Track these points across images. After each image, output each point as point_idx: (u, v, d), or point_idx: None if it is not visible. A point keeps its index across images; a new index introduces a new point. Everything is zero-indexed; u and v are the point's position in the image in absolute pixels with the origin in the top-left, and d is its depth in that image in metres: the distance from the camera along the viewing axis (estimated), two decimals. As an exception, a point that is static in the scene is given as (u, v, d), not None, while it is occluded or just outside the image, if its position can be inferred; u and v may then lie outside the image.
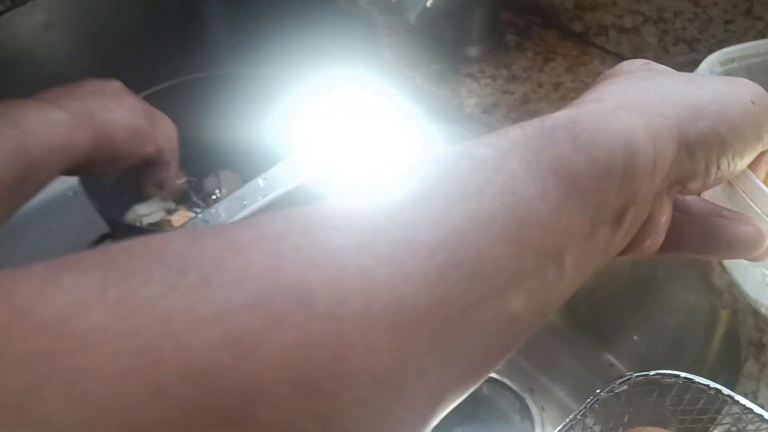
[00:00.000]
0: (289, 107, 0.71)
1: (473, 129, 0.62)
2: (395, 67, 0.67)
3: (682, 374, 0.38)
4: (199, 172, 0.84)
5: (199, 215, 0.58)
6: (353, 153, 0.63)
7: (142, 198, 0.83)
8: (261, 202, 0.59)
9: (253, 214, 0.58)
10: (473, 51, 0.66)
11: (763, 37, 0.56)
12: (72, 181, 0.93)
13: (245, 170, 0.83)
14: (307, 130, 0.65)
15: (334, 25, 0.78)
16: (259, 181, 0.60)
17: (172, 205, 0.83)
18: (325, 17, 0.79)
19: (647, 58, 0.33)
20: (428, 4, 0.57)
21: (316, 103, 0.67)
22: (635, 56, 0.63)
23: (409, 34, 0.69)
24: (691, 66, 0.56)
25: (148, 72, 0.94)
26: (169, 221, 0.79)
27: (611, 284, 0.58)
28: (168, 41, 0.95)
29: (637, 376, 0.39)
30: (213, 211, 0.58)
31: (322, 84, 0.67)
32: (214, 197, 0.80)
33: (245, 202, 0.58)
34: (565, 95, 0.62)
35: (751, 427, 0.37)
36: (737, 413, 0.37)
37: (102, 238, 0.74)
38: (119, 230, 0.75)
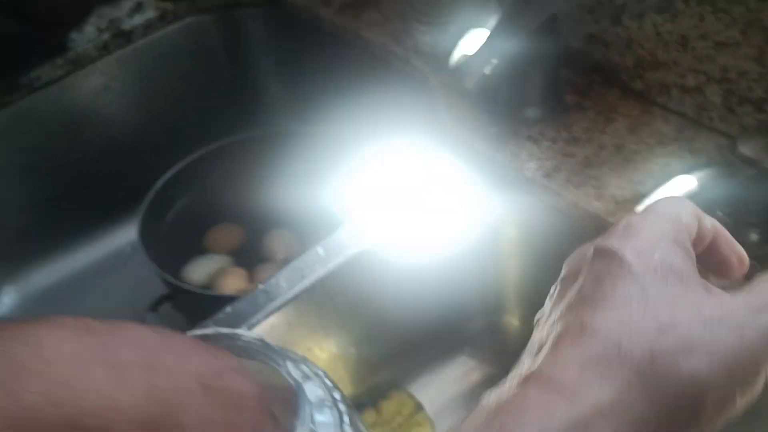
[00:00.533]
0: (347, 170, 0.71)
1: (535, 193, 0.61)
2: (453, 129, 0.67)
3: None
4: (255, 231, 0.85)
5: (261, 286, 0.58)
6: (413, 218, 0.63)
7: (199, 253, 0.84)
8: (320, 272, 0.58)
9: (313, 285, 0.58)
10: (532, 112, 0.65)
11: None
12: (131, 236, 0.95)
13: (302, 231, 0.83)
14: (366, 195, 0.65)
15: (389, 85, 0.78)
16: (319, 249, 0.60)
17: (227, 262, 0.83)
18: (380, 77, 0.79)
19: (711, 118, 0.31)
20: (487, 71, 0.57)
21: (375, 167, 0.67)
22: (699, 116, 0.62)
23: (465, 95, 0.69)
24: (761, 129, 0.54)
25: (204, 130, 0.95)
26: (224, 281, 0.79)
27: None
28: (223, 100, 0.96)
29: None
30: (273, 281, 0.58)
31: (380, 147, 0.67)
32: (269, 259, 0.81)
33: (304, 273, 0.58)
34: (628, 158, 0.61)
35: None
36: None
37: (162, 300, 0.75)
38: (176, 291, 0.75)
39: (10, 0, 0.73)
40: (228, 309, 0.56)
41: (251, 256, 0.84)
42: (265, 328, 0.56)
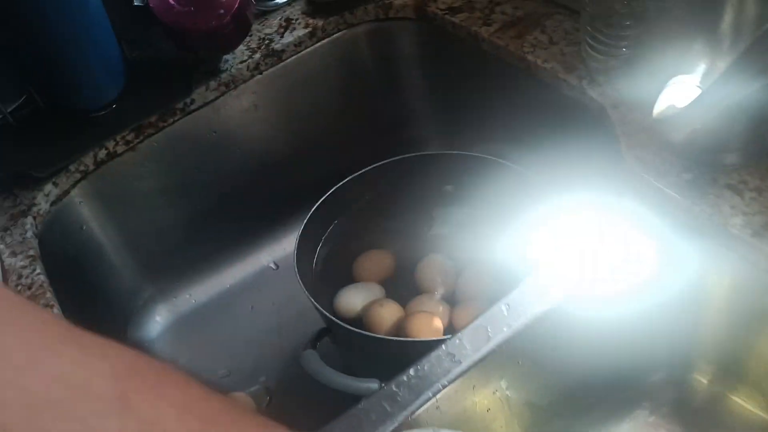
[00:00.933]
0: (518, 212, 0.67)
1: (743, 254, 0.56)
2: (638, 174, 0.62)
3: None
4: (407, 259, 0.83)
5: (443, 347, 0.55)
6: (599, 272, 0.58)
7: (348, 281, 0.82)
8: (506, 333, 0.55)
9: (499, 346, 0.55)
10: (732, 157, 0.60)
11: None
12: (275, 255, 0.95)
13: (457, 257, 0.80)
14: (548, 245, 0.61)
15: (559, 114, 0.74)
16: (502, 307, 0.56)
17: (379, 292, 0.81)
18: (548, 104, 0.75)
19: None
20: (699, 125, 0.52)
21: (555, 215, 0.63)
22: None
23: (649, 133, 0.64)
24: None
25: (352, 147, 0.94)
26: (379, 314, 0.77)
27: None
28: (372, 116, 0.94)
29: None
30: (457, 342, 0.55)
31: (562, 195, 0.63)
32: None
33: (490, 333, 0.55)
34: None
35: None
36: None
37: (321, 335, 0.73)
38: (332, 326, 0.73)
39: (172, 29, 0.72)
40: (411, 372, 0.54)
41: (404, 285, 0.82)
42: (449, 393, 0.54)
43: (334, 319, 0.71)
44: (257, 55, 0.84)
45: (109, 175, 0.80)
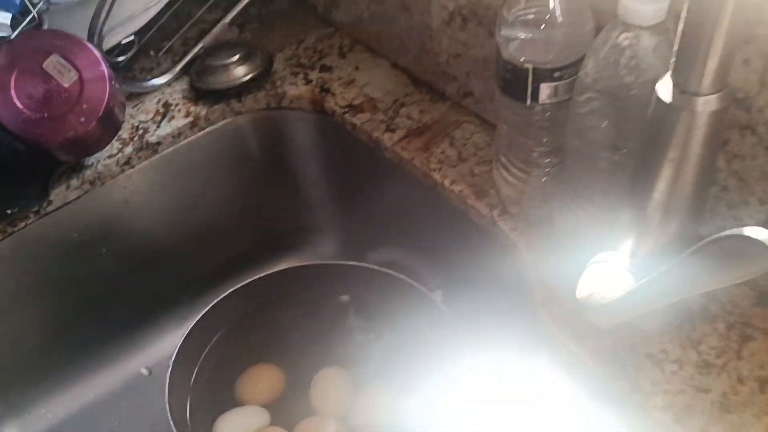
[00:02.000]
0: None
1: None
2: (554, 333, 0.56)
3: None
4: (298, 375, 0.74)
5: None
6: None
7: (231, 404, 0.73)
8: None
9: None
10: (652, 323, 0.55)
11: None
12: (147, 360, 0.85)
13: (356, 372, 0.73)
14: (453, 411, 0.55)
15: (466, 239, 0.68)
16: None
17: (264, 419, 0.73)
18: (453, 225, 0.68)
19: None
20: (627, 318, 0.46)
21: (462, 379, 0.56)
22: None
23: (566, 286, 0.58)
24: None
25: (230, 242, 0.85)
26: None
27: None
28: (256, 209, 0.85)
29: None
30: None
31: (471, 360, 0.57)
32: None
33: None
34: (776, 401, 0.51)
35: None
36: None
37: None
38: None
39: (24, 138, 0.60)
40: None
41: (295, 405, 0.73)
42: None
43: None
44: (128, 149, 0.73)
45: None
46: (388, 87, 0.77)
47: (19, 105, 0.58)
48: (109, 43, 0.73)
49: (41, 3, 0.62)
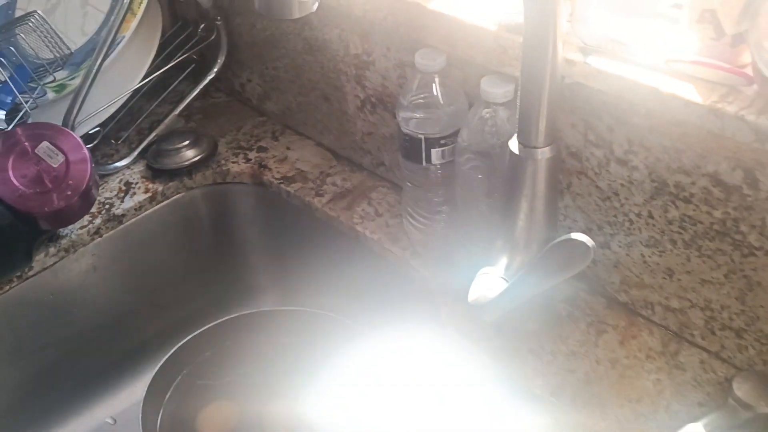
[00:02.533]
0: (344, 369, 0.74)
1: (542, 412, 0.66)
2: (457, 339, 0.72)
3: None
4: (254, 412, 0.86)
5: None
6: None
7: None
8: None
9: None
10: (532, 325, 0.71)
11: (804, 335, 0.63)
12: (113, 410, 0.94)
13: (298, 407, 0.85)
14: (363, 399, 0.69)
15: (386, 279, 0.83)
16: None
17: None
18: (376, 269, 0.84)
19: (693, 335, 0.36)
20: (505, 311, 0.62)
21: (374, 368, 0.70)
22: (681, 331, 0.69)
23: (465, 305, 0.74)
24: (754, 372, 0.62)
25: (190, 303, 0.97)
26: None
27: None
28: (210, 273, 0.98)
29: None
30: None
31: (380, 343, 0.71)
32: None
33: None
34: (623, 374, 0.67)
35: None
36: None
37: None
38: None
39: (16, 209, 0.73)
40: None
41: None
42: None
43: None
44: (98, 220, 0.86)
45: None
46: (314, 161, 0.93)
47: (15, 183, 0.71)
48: (78, 133, 0.88)
49: (30, 101, 0.76)
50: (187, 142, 0.91)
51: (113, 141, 0.95)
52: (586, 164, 0.68)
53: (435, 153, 0.71)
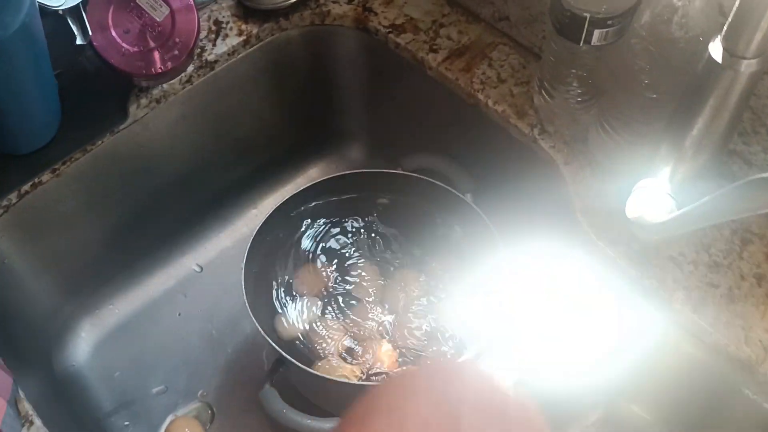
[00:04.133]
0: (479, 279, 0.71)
1: (683, 325, 0.63)
2: (591, 239, 0.67)
3: None
4: (343, 269, 0.84)
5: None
6: (557, 341, 0.64)
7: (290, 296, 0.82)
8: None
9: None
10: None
11: None
12: (198, 259, 0.92)
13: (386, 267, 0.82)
14: (504, 314, 0.66)
15: (506, 156, 0.77)
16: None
17: (319, 308, 0.83)
18: (495, 144, 0.77)
19: None
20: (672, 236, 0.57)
21: (511, 280, 0.67)
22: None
23: (600, 197, 0.69)
24: None
25: (280, 152, 0.92)
26: (320, 336, 0.79)
27: None
28: (304, 120, 0.91)
29: None
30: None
31: (515, 257, 0.67)
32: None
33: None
34: (770, 293, 0.63)
35: None
36: None
37: (276, 365, 0.74)
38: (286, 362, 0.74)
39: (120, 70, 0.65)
40: None
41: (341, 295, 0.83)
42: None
43: (288, 357, 0.72)
44: (190, 68, 0.78)
45: (32, 205, 0.73)
46: (425, 7, 0.82)
47: (118, 40, 0.63)
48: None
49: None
50: (285, -22, 0.80)
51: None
52: (777, 65, 0.58)
53: (597, 34, 0.62)
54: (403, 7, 0.83)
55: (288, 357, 0.72)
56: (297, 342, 0.79)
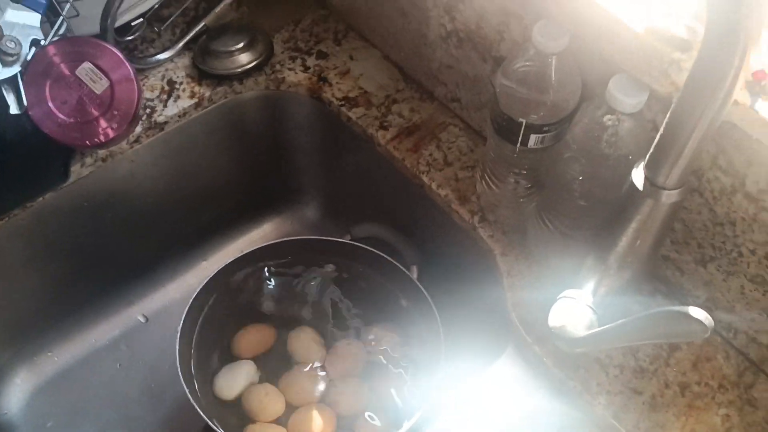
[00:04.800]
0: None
1: (603, 430, 0.64)
2: (521, 334, 0.67)
3: None
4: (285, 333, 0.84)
5: None
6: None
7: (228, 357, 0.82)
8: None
9: None
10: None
11: None
12: (143, 309, 0.92)
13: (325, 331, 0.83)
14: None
15: (447, 236, 0.77)
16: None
17: (254, 372, 0.82)
18: (437, 223, 0.77)
19: None
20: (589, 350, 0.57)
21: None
22: (762, 363, 0.65)
23: (532, 293, 0.69)
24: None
25: (227, 208, 0.92)
26: (256, 404, 0.79)
27: None
28: (252, 179, 0.91)
29: None
30: None
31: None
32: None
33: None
34: (691, 404, 0.64)
35: None
36: None
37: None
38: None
39: (62, 137, 0.65)
40: None
41: (278, 357, 0.83)
42: None
43: (213, 425, 0.72)
44: (138, 128, 0.78)
45: (-33, 259, 0.73)
46: (380, 81, 0.83)
47: (55, 111, 0.62)
48: (118, 23, 0.76)
49: (68, 6, 0.64)
50: (241, 45, 0.80)
51: (155, 26, 0.83)
52: (705, 185, 0.59)
53: (534, 138, 0.62)
54: (358, 80, 0.83)
55: (212, 424, 0.72)
56: (233, 404, 0.79)
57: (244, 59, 0.80)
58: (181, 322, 0.77)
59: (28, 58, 0.62)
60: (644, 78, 0.53)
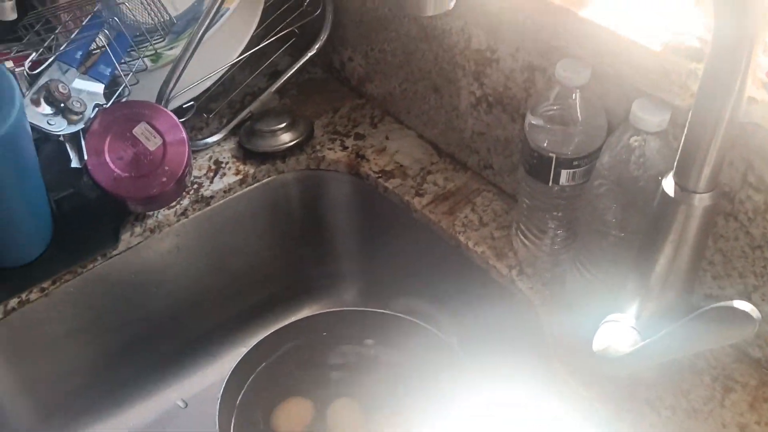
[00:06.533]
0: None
1: (660, 477, 0.60)
2: (565, 379, 0.66)
3: None
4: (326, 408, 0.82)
5: None
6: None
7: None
8: None
9: None
10: (649, 374, 0.65)
11: None
12: (183, 392, 0.92)
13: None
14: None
15: (486, 295, 0.77)
16: None
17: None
18: (475, 283, 0.78)
19: None
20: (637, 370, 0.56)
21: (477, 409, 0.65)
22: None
23: (576, 338, 0.68)
24: None
25: (271, 287, 0.93)
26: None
27: None
28: (295, 259, 0.94)
29: None
30: None
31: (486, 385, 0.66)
32: None
33: None
34: (752, 444, 0.61)
35: None
36: None
37: None
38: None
39: (111, 193, 0.69)
40: None
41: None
42: None
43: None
44: (185, 201, 0.82)
45: (17, 322, 0.75)
46: (415, 155, 0.87)
47: (111, 165, 0.67)
48: (171, 107, 0.83)
49: (130, 76, 0.71)
50: (283, 125, 0.86)
51: (204, 114, 0.90)
52: (738, 207, 0.60)
53: (565, 174, 0.64)
54: (394, 155, 0.87)
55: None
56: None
57: (287, 138, 0.86)
58: (221, 393, 0.77)
59: (91, 116, 0.67)
60: (665, 95, 0.56)
